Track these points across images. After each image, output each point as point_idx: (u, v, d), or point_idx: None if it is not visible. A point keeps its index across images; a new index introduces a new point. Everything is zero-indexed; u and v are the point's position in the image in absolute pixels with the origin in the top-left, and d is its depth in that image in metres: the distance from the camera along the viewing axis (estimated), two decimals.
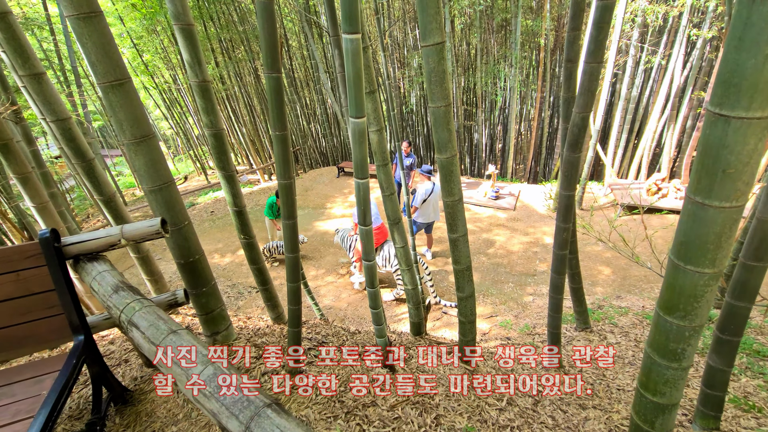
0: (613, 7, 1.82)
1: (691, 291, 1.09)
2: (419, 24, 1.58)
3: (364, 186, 1.40)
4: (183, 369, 1.04)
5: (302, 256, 6.95)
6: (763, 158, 4.31)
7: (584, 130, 2.05)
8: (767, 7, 0.77)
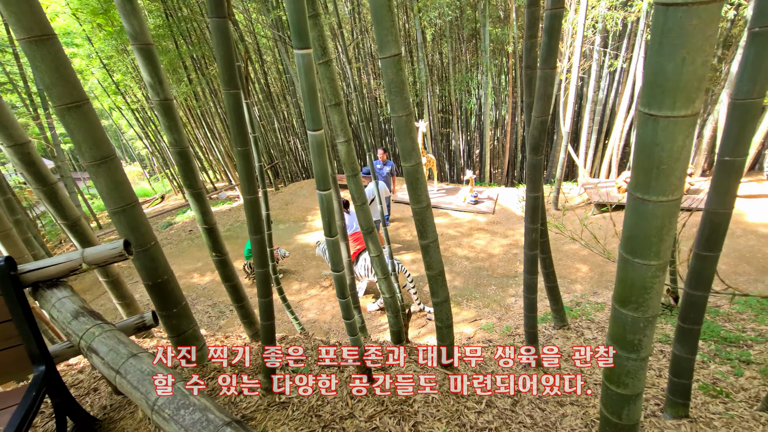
0: (561, 16, 1.91)
1: (640, 283, 1.13)
2: (376, 37, 1.62)
3: (327, 197, 1.41)
4: (142, 393, 1.02)
5: (284, 270, 6.89)
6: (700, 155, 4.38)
7: (544, 133, 2.11)
8: (680, 14, 0.82)
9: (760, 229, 6.47)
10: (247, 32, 11.17)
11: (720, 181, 1.55)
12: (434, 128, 11.26)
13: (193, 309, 6.07)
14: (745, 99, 1.42)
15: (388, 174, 7.46)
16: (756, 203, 7.33)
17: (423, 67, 9.93)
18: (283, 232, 8.62)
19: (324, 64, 2.16)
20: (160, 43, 10.03)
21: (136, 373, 1.08)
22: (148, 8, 10.01)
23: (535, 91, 2.07)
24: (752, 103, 1.42)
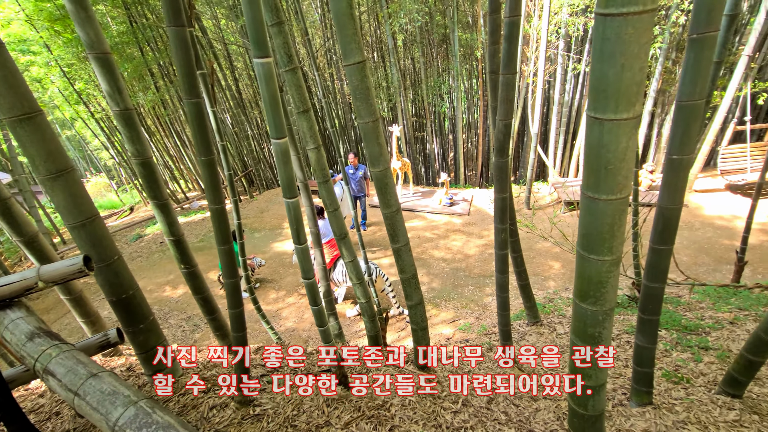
0: (519, 23, 1.98)
1: (597, 278, 1.18)
2: (339, 45, 1.63)
3: (294, 205, 1.40)
4: (102, 414, 0.98)
5: (260, 279, 6.77)
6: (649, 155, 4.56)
7: (508, 136, 2.18)
8: (616, 24, 0.87)
9: (716, 221, 6.85)
10: (216, 39, 10.99)
11: (670, 178, 1.64)
12: (409, 132, 11.37)
13: (165, 323, 5.89)
14: (688, 101, 1.51)
15: (361, 178, 7.48)
16: (712, 197, 7.76)
17: (395, 72, 10.03)
18: (259, 241, 8.48)
19: (290, 71, 2.16)
20: (125, 51, 9.73)
21: (96, 394, 1.04)
22: (111, 15, 9.70)
23: (498, 95, 2.13)
24: (695, 105, 1.51)
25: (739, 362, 1.92)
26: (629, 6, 0.85)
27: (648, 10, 0.85)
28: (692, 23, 1.43)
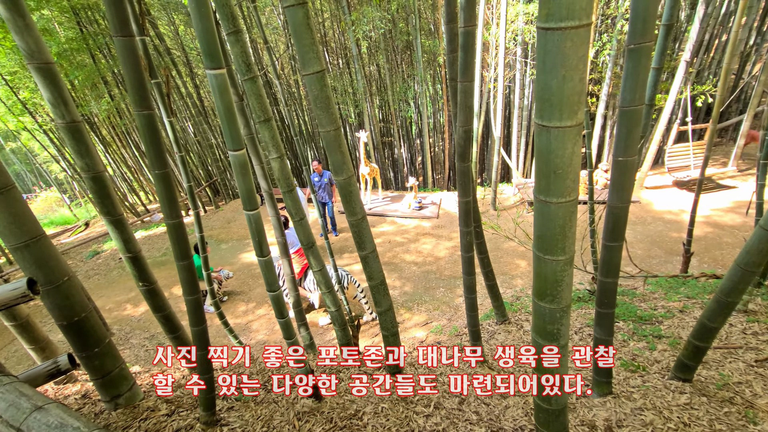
0: (474, 33, 2.04)
1: (552, 277, 1.23)
2: (297, 54, 1.62)
3: (255, 217, 1.38)
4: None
5: (228, 292, 6.57)
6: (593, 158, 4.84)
7: (469, 141, 2.24)
8: (556, 37, 0.93)
9: (665, 215, 7.31)
10: (176, 45, 10.64)
11: (617, 179, 1.74)
12: (376, 138, 11.43)
13: (127, 344, 5.58)
14: (629, 106, 1.61)
15: (327, 184, 7.45)
16: (661, 193, 8.29)
17: (361, 78, 10.07)
18: (226, 252, 8.23)
19: (250, 80, 2.13)
20: (75, 58, 9.22)
21: (42, 429, 0.97)
22: (58, 20, 9.18)
23: (458, 102, 2.19)
24: (635, 110, 1.62)
25: (687, 348, 2.05)
26: (567, 21, 0.90)
27: (584, 25, 0.91)
28: (629, 34, 1.53)
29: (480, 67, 7.82)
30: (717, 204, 7.32)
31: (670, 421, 1.82)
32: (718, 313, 1.87)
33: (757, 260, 1.71)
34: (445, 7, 2.27)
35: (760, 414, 1.82)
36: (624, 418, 1.88)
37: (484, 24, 7.58)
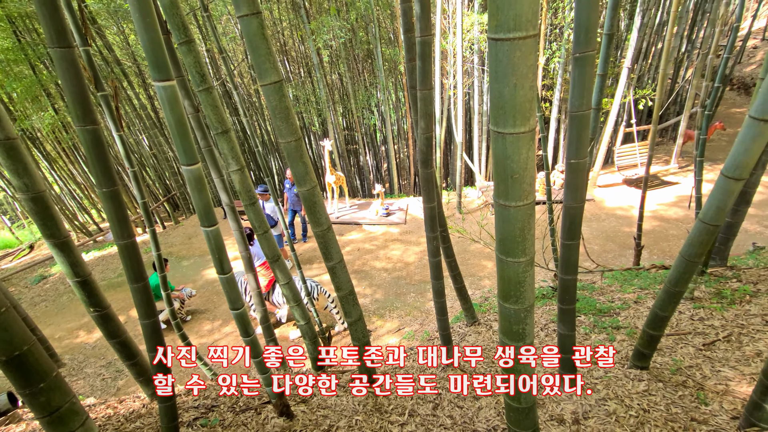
0: (431, 42, 2.09)
1: (515, 278, 1.27)
2: (254, 65, 1.59)
3: (214, 234, 1.32)
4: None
5: (192, 311, 6.28)
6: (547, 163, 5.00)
7: (431, 148, 2.28)
8: (506, 47, 0.96)
9: (617, 212, 7.77)
10: (126, 55, 10.15)
11: (570, 180, 1.83)
12: (341, 146, 11.40)
13: (81, 374, 5.19)
14: (577, 111, 1.70)
15: (296, 194, 7.35)
16: (612, 191, 8.80)
17: (323, 87, 10.04)
18: (188, 269, 7.88)
19: (205, 91, 2.06)
20: (12, 69, 8.59)
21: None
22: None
23: (418, 110, 2.22)
24: (583, 115, 1.71)
25: (643, 338, 2.17)
26: (515, 32, 0.94)
27: (531, 36, 0.95)
28: (574, 44, 1.62)
29: (440, 74, 8.02)
30: (662, 199, 7.86)
31: (631, 408, 1.91)
32: (668, 303, 1.99)
33: (699, 251, 1.84)
34: (402, 18, 2.31)
35: (710, 395, 1.95)
36: (590, 410, 1.95)
37: (441, 33, 7.78)
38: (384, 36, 10.60)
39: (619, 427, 1.82)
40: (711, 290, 2.95)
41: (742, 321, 2.50)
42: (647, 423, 1.80)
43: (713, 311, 2.68)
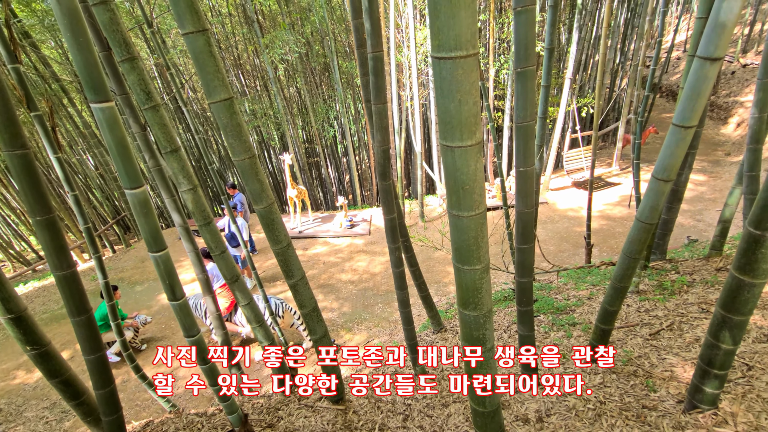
0: (382, 58, 2.14)
1: (472, 285, 1.30)
2: (201, 83, 1.55)
3: (163, 259, 1.26)
4: None
5: (147, 339, 5.90)
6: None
7: (388, 161, 2.31)
8: (449, 65, 1.00)
9: (569, 213, 8.22)
10: (65, 71, 9.53)
11: (521, 187, 1.92)
12: (302, 159, 11.28)
13: (20, 418, 4.71)
14: (522, 122, 1.80)
15: (232, 208, 7.19)
16: (564, 193, 9.31)
17: (280, 100, 9.93)
18: (142, 295, 7.42)
19: (151, 109, 1.98)
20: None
21: None
22: None
23: (373, 124, 2.26)
24: (528, 125, 1.81)
25: (595, 332, 2.30)
26: (456, 51, 0.98)
27: (471, 54, 1.00)
28: (515, 60, 1.72)
29: (396, 87, 8.19)
30: (607, 199, 8.42)
31: (589, 402, 2.00)
32: (615, 298, 2.12)
33: (639, 248, 1.99)
34: (354, 33, 2.35)
35: (657, 382, 2.08)
36: (551, 407, 2.03)
37: (396, 47, 7.97)
38: (340, 49, 10.70)
39: (579, 422, 1.90)
40: (654, 283, 3.18)
41: (682, 310, 2.71)
42: (604, 414, 1.90)
43: (657, 302, 2.89)
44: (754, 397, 1.77)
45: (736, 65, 13.17)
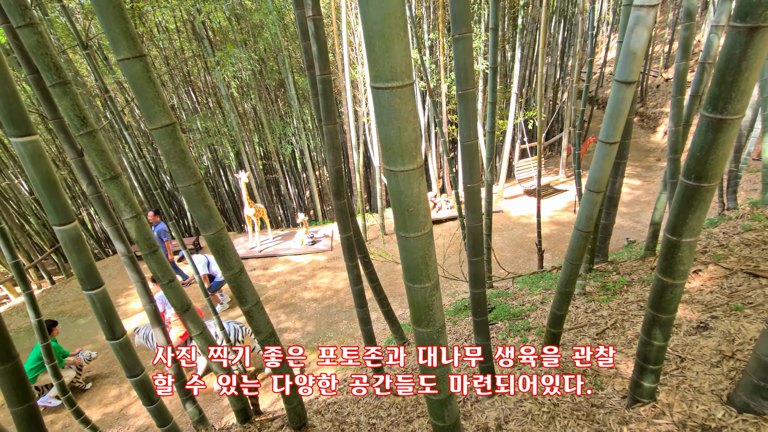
0: (330, 80, 2.17)
1: (423, 303, 1.34)
2: (141, 109, 1.51)
3: (99, 297, 1.19)
4: None
5: (93, 376, 5.44)
6: None
7: (341, 180, 2.33)
8: (387, 95, 1.05)
9: (522, 220, 8.62)
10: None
11: (469, 202, 2.00)
12: (259, 176, 11.04)
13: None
14: (466, 141, 1.89)
15: (156, 236, 6.76)
16: (517, 201, 9.76)
17: (234, 117, 9.71)
18: (86, 328, 6.86)
19: (87, 135, 1.88)
20: None
21: None
22: None
23: (325, 144, 2.27)
24: (472, 144, 1.91)
25: (547, 336, 2.41)
26: (392, 81, 1.03)
27: (407, 84, 1.05)
28: (456, 83, 1.81)
29: (353, 103, 8.28)
30: (556, 206, 8.92)
31: (543, 405, 2.09)
32: (562, 302, 2.25)
33: (579, 254, 2.13)
34: (304, 55, 2.37)
35: (604, 380, 2.21)
36: (509, 413, 2.09)
37: (350, 64, 8.08)
38: (295, 66, 10.68)
39: (535, 426, 1.97)
40: (598, 284, 3.40)
41: (623, 309, 2.91)
42: (557, 416, 1.98)
43: (601, 303, 3.08)
44: (687, 387, 1.93)
45: (660, 79, 14.58)
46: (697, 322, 2.39)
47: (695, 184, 1.31)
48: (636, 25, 1.54)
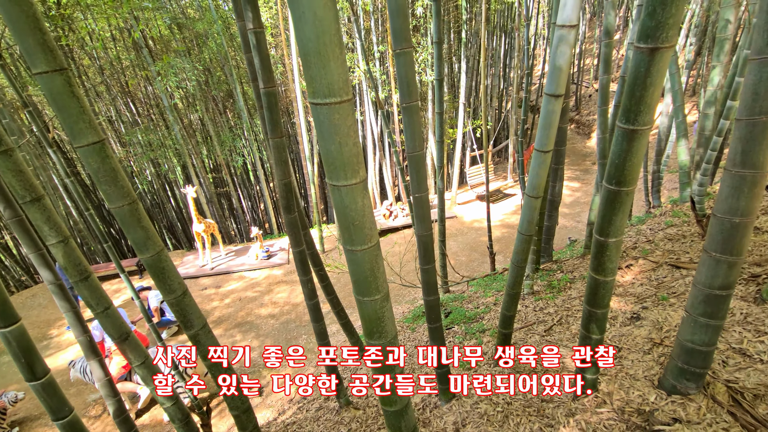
0: (275, 93, 2.15)
1: (374, 315, 1.34)
2: (63, 126, 1.40)
3: (15, 335, 1.07)
4: None
5: (21, 419, 4.89)
6: None
7: (291, 194, 2.29)
8: (326, 111, 1.05)
9: (475, 225, 8.93)
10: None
11: (417, 212, 2.05)
12: (209, 190, 10.57)
13: None
14: (413, 152, 1.94)
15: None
16: (470, 207, 10.11)
17: (179, 129, 9.26)
18: (10, 366, 6.14)
19: (1, 154, 1.71)
20: None
21: None
22: None
23: (273, 157, 2.23)
24: (419, 155, 1.96)
25: (499, 336, 2.50)
26: (330, 98, 1.03)
27: (345, 100, 1.06)
28: (400, 96, 1.86)
29: (304, 113, 8.20)
30: (506, 209, 9.35)
31: (498, 405, 2.16)
32: (511, 303, 2.35)
33: (524, 257, 2.24)
34: (248, 67, 2.32)
35: (552, 376, 2.33)
36: (467, 416, 2.14)
37: (300, 73, 8.02)
38: (244, 76, 10.41)
39: (490, 426, 2.03)
40: (545, 283, 3.59)
41: (568, 305, 3.09)
42: (511, 415, 2.06)
43: (548, 301, 3.25)
44: (624, 375, 2.08)
45: (592, 90, 15.85)
46: (630, 313, 2.59)
47: (616, 188, 1.44)
48: (560, 44, 1.67)
